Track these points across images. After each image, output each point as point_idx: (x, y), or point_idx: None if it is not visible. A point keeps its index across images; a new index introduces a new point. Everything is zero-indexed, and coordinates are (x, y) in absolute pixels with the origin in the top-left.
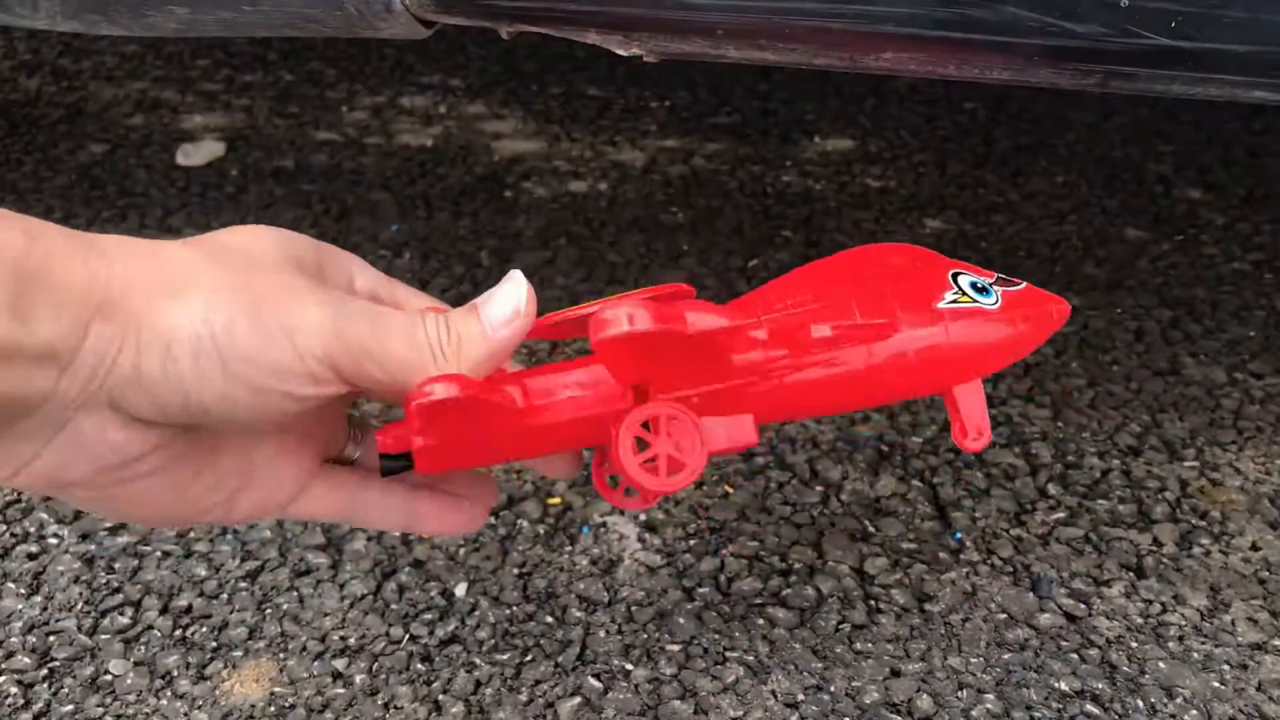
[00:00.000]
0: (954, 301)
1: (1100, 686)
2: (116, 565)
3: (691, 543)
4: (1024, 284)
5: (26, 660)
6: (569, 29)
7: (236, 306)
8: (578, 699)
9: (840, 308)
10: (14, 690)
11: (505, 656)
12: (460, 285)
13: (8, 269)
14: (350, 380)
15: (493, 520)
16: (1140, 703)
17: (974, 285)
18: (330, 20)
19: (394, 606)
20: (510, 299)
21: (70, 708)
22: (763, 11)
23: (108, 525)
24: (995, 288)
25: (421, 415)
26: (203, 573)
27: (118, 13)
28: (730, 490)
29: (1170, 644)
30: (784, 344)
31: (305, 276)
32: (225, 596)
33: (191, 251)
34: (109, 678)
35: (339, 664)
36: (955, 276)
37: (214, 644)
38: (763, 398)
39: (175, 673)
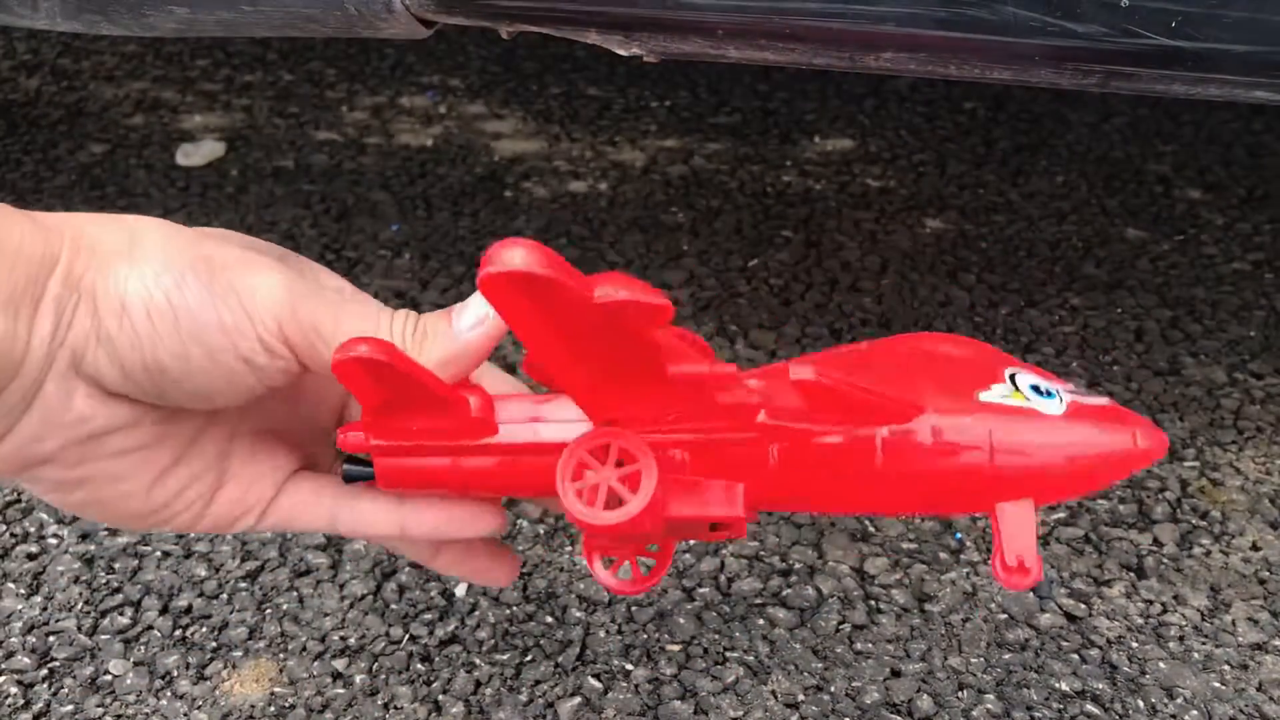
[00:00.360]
0: (1004, 397)
1: (1101, 687)
2: (116, 565)
3: (691, 543)
4: (1107, 400)
5: (26, 660)
6: (569, 29)
7: (190, 268)
8: (578, 699)
9: (860, 379)
10: (14, 690)
11: (505, 656)
12: (460, 285)
13: None
14: (303, 359)
15: None
16: (1140, 703)
17: (1035, 387)
18: (330, 20)
19: (394, 607)
20: (480, 307)
21: (70, 708)
22: (763, 11)
23: (108, 525)
24: (1065, 394)
25: (347, 378)
26: (203, 573)
27: (117, 13)
28: None
29: (1171, 644)
30: (781, 403)
31: (267, 256)
32: (225, 597)
33: (150, 222)
34: (109, 678)
35: (339, 664)
36: (1013, 376)
37: (214, 644)
38: (756, 467)
39: (175, 673)
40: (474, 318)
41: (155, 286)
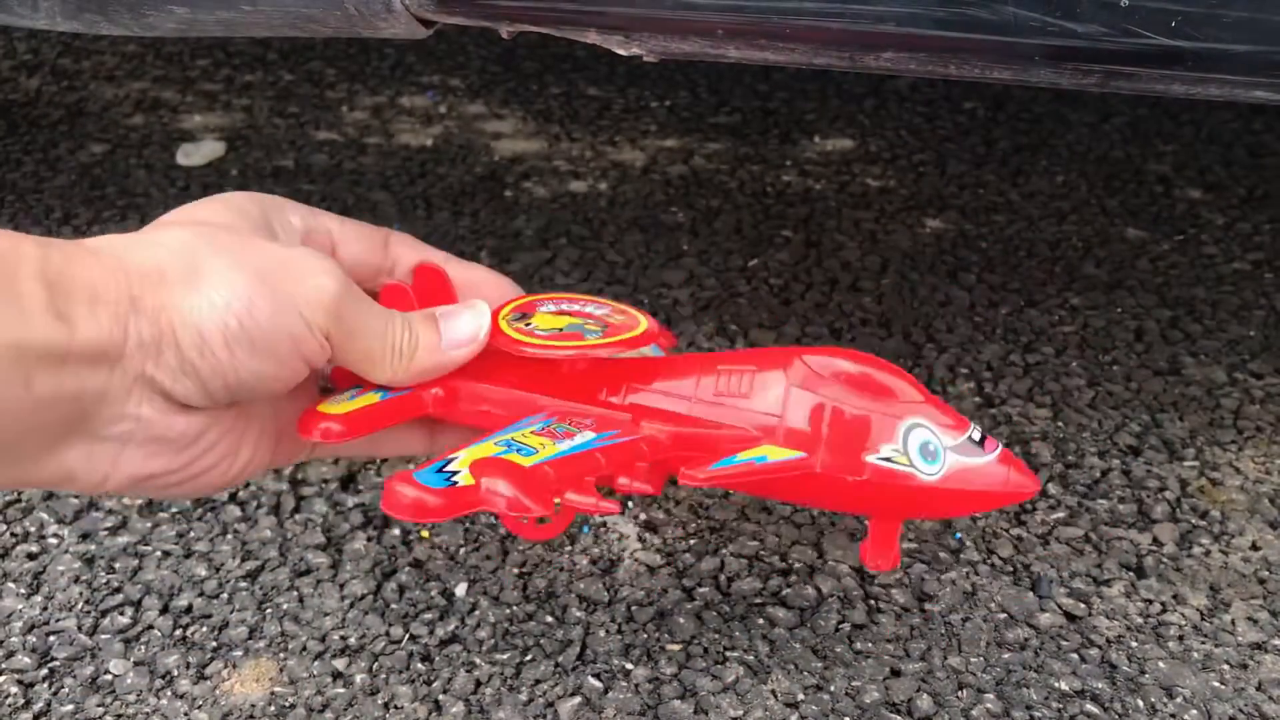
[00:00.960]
0: (887, 460)
1: (1100, 686)
2: (117, 565)
3: (691, 542)
4: (995, 452)
5: (27, 660)
6: (569, 29)
7: (250, 287)
8: (578, 699)
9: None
10: (14, 690)
11: (505, 656)
12: None
13: (35, 278)
14: (335, 353)
15: (493, 520)
16: (1140, 702)
17: (924, 447)
18: (330, 20)
19: (394, 606)
20: (471, 325)
21: (70, 707)
22: (763, 11)
23: (108, 525)
24: (951, 455)
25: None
26: (203, 573)
27: (117, 13)
28: (730, 490)
29: (1170, 644)
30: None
31: (270, 235)
32: (225, 596)
33: (180, 234)
34: (109, 677)
35: (339, 664)
36: (909, 431)
37: (214, 644)
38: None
39: (175, 672)
40: (462, 337)
41: (228, 314)
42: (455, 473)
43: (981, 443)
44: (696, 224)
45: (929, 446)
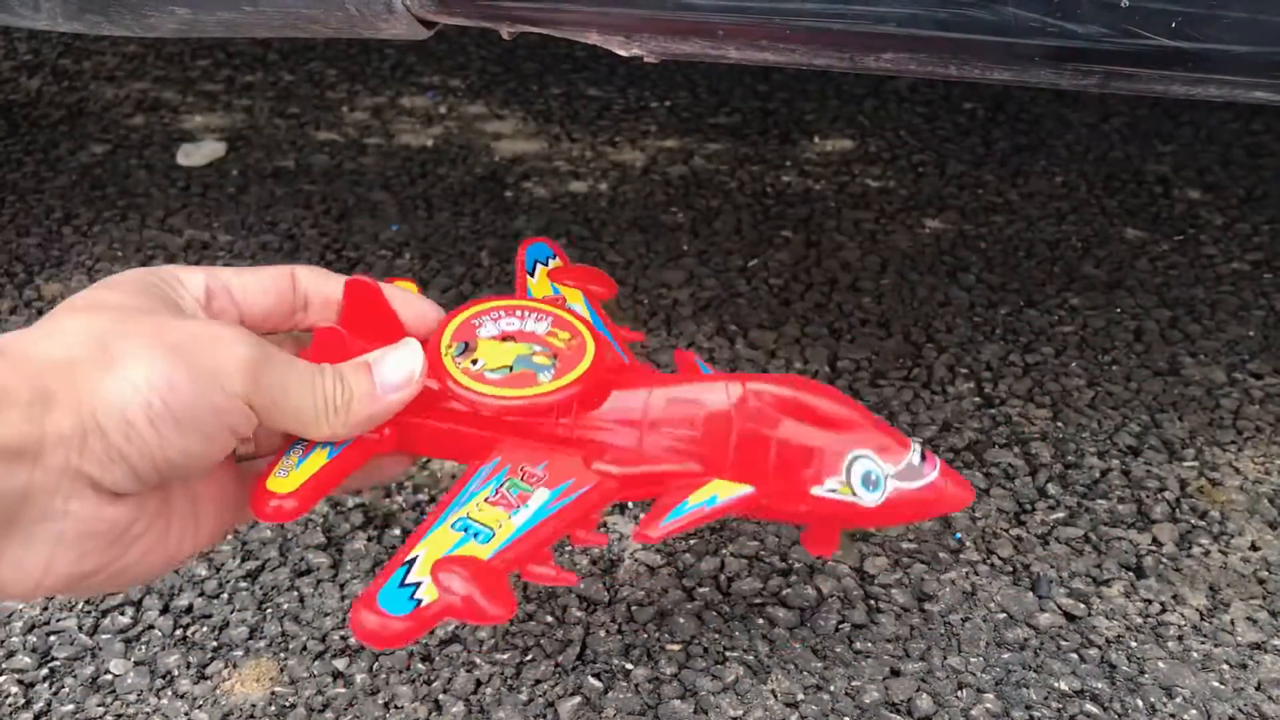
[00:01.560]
0: (832, 491)
1: (1100, 686)
2: None
3: (691, 542)
4: (935, 471)
5: (27, 660)
6: (570, 29)
7: (166, 363)
8: (578, 698)
9: (716, 457)
10: (15, 690)
11: (505, 656)
12: (460, 285)
13: None
14: (262, 418)
15: None
16: (1140, 702)
17: (866, 477)
18: (331, 21)
19: None
20: (405, 365)
21: (71, 707)
22: (763, 13)
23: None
24: (891, 481)
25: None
26: (203, 572)
27: (119, 13)
28: None
29: (1170, 644)
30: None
31: (174, 310)
32: (226, 596)
33: (84, 320)
34: (109, 677)
35: (339, 663)
36: (851, 464)
37: (214, 644)
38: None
39: (176, 672)
40: (397, 379)
41: (150, 393)
42: (418, 584)
43: (922, 463)
44: (696, 224)
45: (871, 476)
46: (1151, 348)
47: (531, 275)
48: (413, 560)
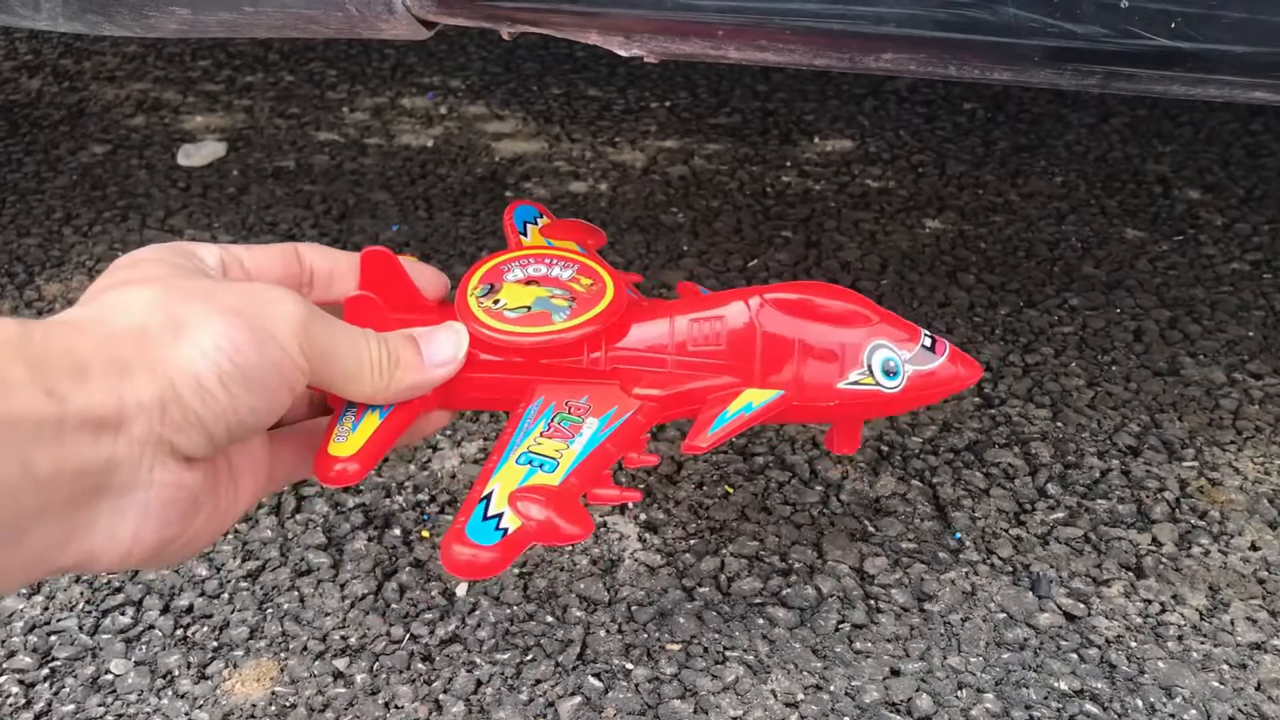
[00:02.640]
0: (855, 383)
1: (1099, 686)
2: None
3: (692, 542)
4: (946, 353)
5: (28, 660)
6: (570, 30)
7: (230, 326)
8: (578, 698)
9: (745, 368)
10: (15, 690)
11: (506, 656)
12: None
13: (16, 360)
14: (314, 374)
15: None
16: (1139, 702)
17: (885, 366)
18: (331, 21)
19: (395, 606)
20: (450, 345)
21: (71, 707)
22: (763, 13)
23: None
24: (909, 366)
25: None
26: (204, 573)
27: (119, 14)
28: (730, 490)
29: (1169, 643)
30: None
31: (210, 278)
32: (226, 596)
33: (147, 291)
34: (110, 677)
35: (340, 663)
36: (871, 354)
37: (215, 644)
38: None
39: (176, 672)
40: (443, 356)
41: (219, 355)
42: (500, 515)
43: (933, 347)
44: (696, 224)
45: (890, 364)
46: (1151, 348)
47: (524, 235)
48: (489, 495)
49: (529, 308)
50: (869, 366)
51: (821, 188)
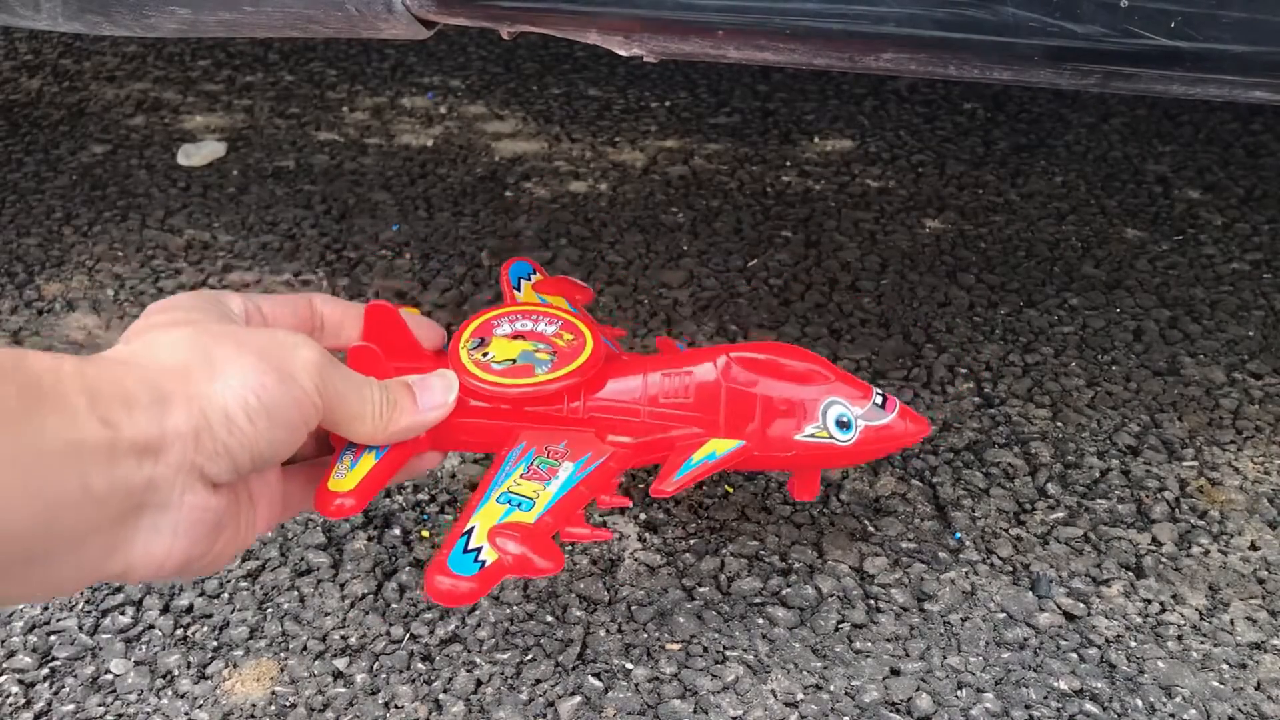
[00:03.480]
0: (811, 436)
1: (1099, 686)
2: None
3: (692, 542)
4: (895, 410)
5: (28, 659)
6: (570, 29)
7: (256, 367)
8: (578, 698)
9: (711, 419)
10: (15, 689)
11: (506, 656)
12: (461, 285)
13: (79, 391)
14: (325, 413)
15: None
16: (1139, 702)
17: (839, 420)
18: (331, 21)
19: (395, 606)
20: (441, 390)
21: (71, 707)
22: (763, 12)
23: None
24: (860, 421)
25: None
26: None
27: (119, 13)
28: (730, 490)
29: (1169, 643)
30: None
31: (236, 323)
32: (226, 596)
33: (184, 332)
34: (110, 677)
35: (340, 663)
36: (826, 410)
37: (215, 643)
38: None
39: (176, 672)
40: (435, 401)
41: (246, 392)
42: (479, 549)
43: (884, 404)
44: (696, 224)
45: (843, 419)
46: (1151, 348)
47: (517, 290)
48: (470, 530)
49: (514, 360)
50: (824, 421)
51: (821, 188)
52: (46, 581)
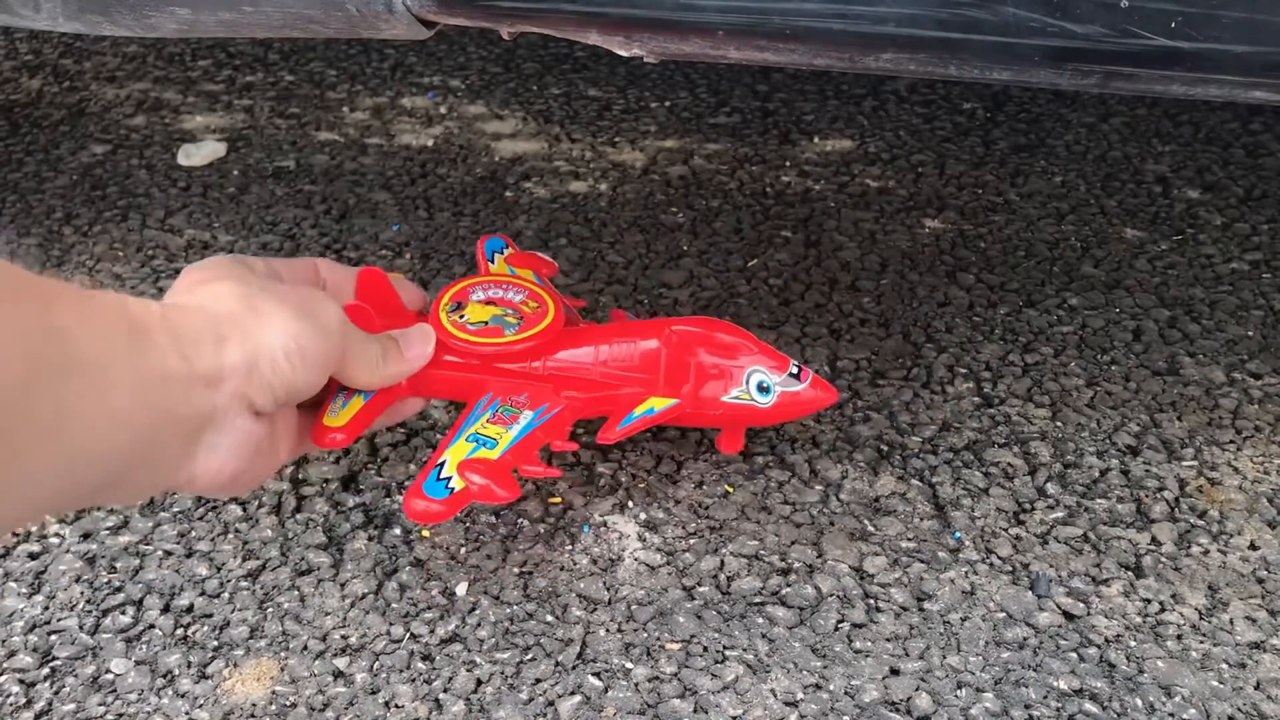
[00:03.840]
0: (736, 397)
1: (1099, 685)
2: (118, 564)
3: (691, 542)
4: (809, 380)
5: (28, 659)
6: (570, 29)
7: (295, 318)
8: (578, 697)
9: (651, 380)
10: (16, 689)
11: (506, 655)
12: None
13: (161, 331)
14: (342, 361)
15: (494, 519)
16: (1139, 701)
17: (760, 385)
18: (331, 21)
19: (395, 605)
20: (420, 341)
21: (72, 706)
22: (763, 13)
23: (109, 524)
24: (778, 388)
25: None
26: (204, 572)
27: (119, 13)
28: (730, 490)
29: (1169, 643)
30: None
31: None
32: (226, 596)
33: (232, 286)
34: (110, 677)
35: (340, 663)
36: (749, 376)
37: (215, 643)
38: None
39: (177, 672)
40: (417, 352)
41: (288, 339)
42: (449, 479)
43: (799, 374)
44: (696, 224)
45: (764, 384)
46: (1150, 347)
47: (491, 262)
48: (442, 463)
49: (486, 323)
50: (747, 385)
51: (821, 188)
52: (138, 487)
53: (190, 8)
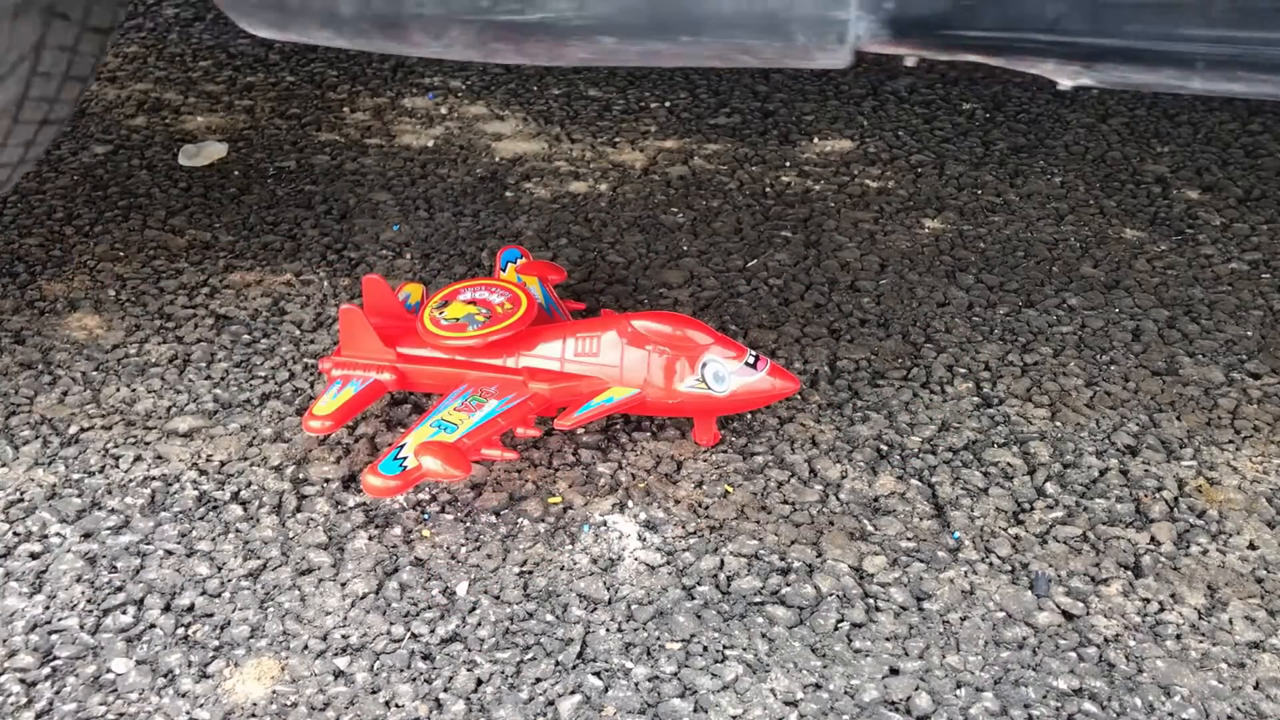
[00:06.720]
0: (692, 387)
1: (1098, 685)
2: (119, 564)
3: (691, 541)
4: (766, 368)
5: (29, 659)
6: (1026, 61)
7: None
8: (578, 697)
9: (613, 371)
10: (17, 689)
11: (506, 655)
12: None
13: None
14: None
15: (494, 519)
16: (1138, 701)
17: (715, 375)
18: (767, 51)
19: (395, 605)
20: None
21: (73, 706)
22: (1248, 43)
23: (110, 524)
24: (734, 377)
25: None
26: (205, 572)
27: (530, 46)
28: (730, 490)
29: (1168, 642)
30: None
31: None
32: (227, 595)
33: None
34: (111, 676)
35: (341, 662)
36: (704, 366)
37: (216, 642)
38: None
39: (177, 671)
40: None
41: None
42: (406, 459)
43: (755, 364)
44: (696, 224)
45: (719, 374)
46: (1150, 348)
47: (504, 270)
48: (403, 445)
49: (458, 319)
50: (702, 375)
51: (821, 188)
52: None
53: (618, 37)
